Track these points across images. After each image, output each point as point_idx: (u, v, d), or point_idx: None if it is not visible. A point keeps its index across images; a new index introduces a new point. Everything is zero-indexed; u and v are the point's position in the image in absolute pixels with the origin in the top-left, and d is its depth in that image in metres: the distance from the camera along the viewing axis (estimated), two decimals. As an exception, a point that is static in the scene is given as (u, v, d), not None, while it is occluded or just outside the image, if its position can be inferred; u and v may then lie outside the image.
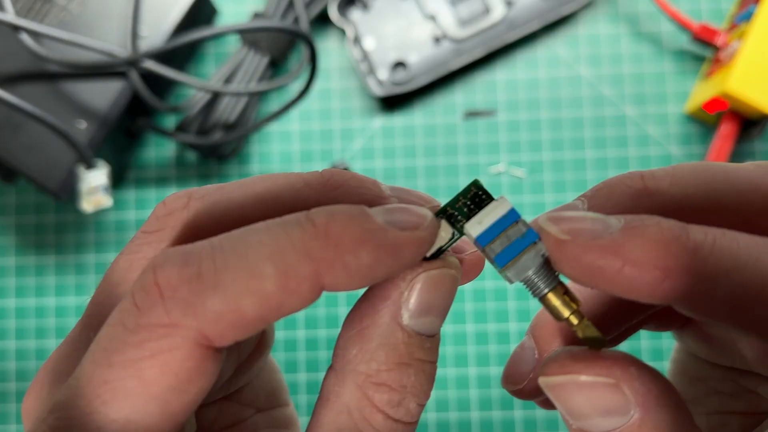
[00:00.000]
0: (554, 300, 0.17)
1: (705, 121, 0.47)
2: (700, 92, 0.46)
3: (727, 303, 0.15)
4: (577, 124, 0.48)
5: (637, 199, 0.16)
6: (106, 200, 0.42)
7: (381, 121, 0.48)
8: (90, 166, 0.42)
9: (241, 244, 0.15)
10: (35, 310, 0.48)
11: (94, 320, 0.17)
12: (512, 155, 0.48)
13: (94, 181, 0.42)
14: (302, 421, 0.51)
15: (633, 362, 0.16)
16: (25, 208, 0.49)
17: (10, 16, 0.41)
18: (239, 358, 0.22)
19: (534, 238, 0.16)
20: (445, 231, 0.17)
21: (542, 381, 0.17)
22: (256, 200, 0.17)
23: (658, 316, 0.22)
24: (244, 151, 0.49)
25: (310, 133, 0.49)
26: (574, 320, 0.17)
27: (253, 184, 0.17)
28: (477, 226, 0.16)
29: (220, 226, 0.17)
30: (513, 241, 0.16)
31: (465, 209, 0.17)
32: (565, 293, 0.17)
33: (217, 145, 0.46)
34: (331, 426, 0.16)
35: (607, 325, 0.21)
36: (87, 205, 0.42)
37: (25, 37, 0.42)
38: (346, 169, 0.47)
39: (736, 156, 0.46)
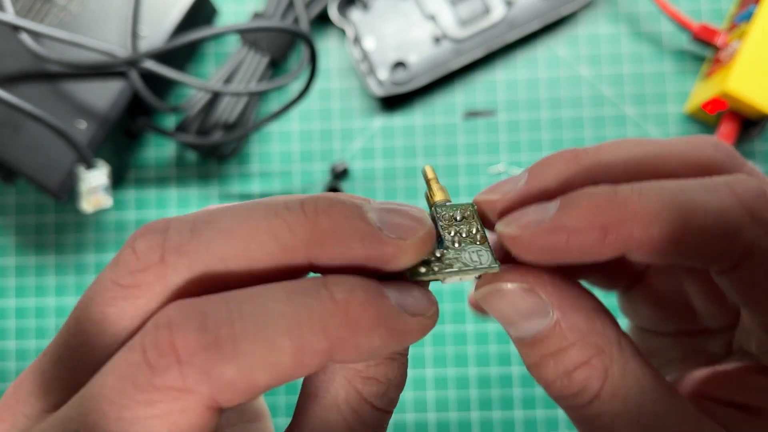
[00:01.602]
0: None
1: (705, 121, 0.47)
2: (700, 92, 0.46)
3: (665, 240, 0.16)
4: (577, 124, 0.48)
5: (569, 164, 0.18)
6: (106, 200, 0.42)
7: (381, 121, 0.48)
8: (90, 166, 0.42)
9: (260, 311, 0.15)
10: (35, 310, 0.48)
11: (68, 363, 0.17)
12: (512, 155, 0.48)
13: (94, 181, 0.42)
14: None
15: (547, 271, 0.18)
16: (25, 208, 0.49)
17: (10, 16, 0.41)
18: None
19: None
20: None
21: (475, 296, 0.19)
22: (242, 258, 0.16)
23: (604, 272, 0.24)
24: (244, 151, 0.49)
25: (310, 133, 0.49)
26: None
27: (233, 233, 0.16)
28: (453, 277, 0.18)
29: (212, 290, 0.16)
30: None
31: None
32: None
33: (217, 145, 0.46)
34: (320, 420, 0.17)
35: None
36: (87, 205, 0.42)
37: (25, 37, 0.42)
38: (345, 170, 0.47)
39: (736, 156, 0.46)
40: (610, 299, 0.44)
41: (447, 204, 0.19)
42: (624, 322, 0.25)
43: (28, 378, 0.17)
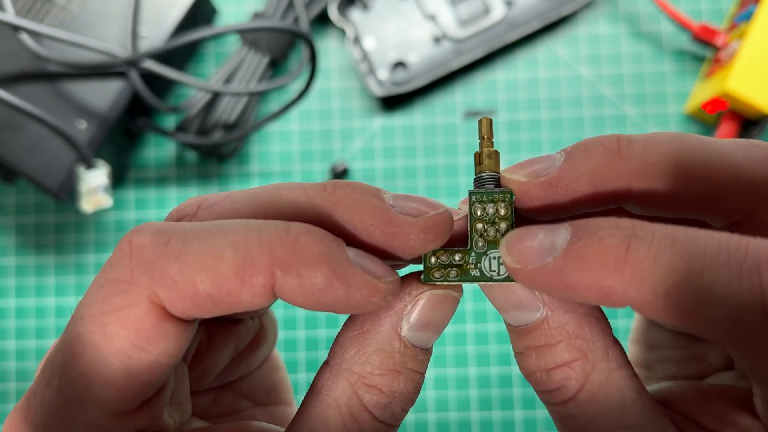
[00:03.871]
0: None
1: (705, 121, 0.47)
2: (700, 92, 0.46)
3: (674, 311, 0.15)
4: (577, 124, 0.48)
5: (609, 160, 0.17)
6: (106, 200, 0.42)
7: (381, 121, 0.48)
8: (90, 166, 0.42)
9: (215, 228, 0.16)
10: (35, 310, 0.48)
11: None
12: (512, 155, 0.48)
13: (94, 181, 0.42)
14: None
15: None
16: (25, 208, 0.49)
17: (10, 16, 0.41)
18: (236, 350, 0.23)
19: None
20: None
21: None
22: (260, 213, 0.17)
23: None
24: (244, 151, 0.49)
25: (310, 133, 0.49)
26: None
27: (258, 195, 0.17)
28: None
29: None
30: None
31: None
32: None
33: (217, 145, 0.46)
34: (319, 418, 0.17)
35: None
36: (87, 205, 0.42)
37: (25, 37, 0.42)
38: (345, 170, 0.47)
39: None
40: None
41: (484, 191, 0.18)
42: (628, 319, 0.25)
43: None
